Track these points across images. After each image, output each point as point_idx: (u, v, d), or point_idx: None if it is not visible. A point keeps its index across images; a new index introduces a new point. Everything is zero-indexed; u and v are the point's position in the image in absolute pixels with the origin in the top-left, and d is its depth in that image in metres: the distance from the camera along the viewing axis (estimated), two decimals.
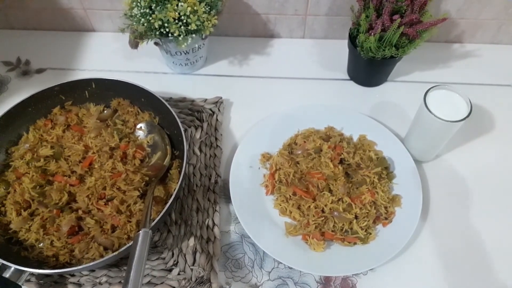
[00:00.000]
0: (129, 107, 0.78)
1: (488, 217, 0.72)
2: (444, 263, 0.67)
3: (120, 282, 0.64)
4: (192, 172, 0.75)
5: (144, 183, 0.69)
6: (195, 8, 0.74)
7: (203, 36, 0.80)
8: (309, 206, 0.69)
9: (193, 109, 0.83)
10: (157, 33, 0.76)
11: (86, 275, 0.65)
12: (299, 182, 0.71)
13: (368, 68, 0.85)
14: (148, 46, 0.80)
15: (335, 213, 0.68)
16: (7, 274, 0.57)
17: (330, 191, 0.70)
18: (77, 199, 0.67)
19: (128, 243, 0.59)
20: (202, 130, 0.80)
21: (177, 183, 0.65)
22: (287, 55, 0.95)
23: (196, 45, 0.84)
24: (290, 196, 0.71)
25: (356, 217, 0.69)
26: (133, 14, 0.76)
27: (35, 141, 0.73)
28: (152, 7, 0.75)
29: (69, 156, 0.72)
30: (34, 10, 0.95)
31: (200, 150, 0.78)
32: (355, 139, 0.79)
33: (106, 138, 0.73)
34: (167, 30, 0.75)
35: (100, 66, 0.93)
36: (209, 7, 0.77)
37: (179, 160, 0.73)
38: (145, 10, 0.74)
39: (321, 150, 0.74)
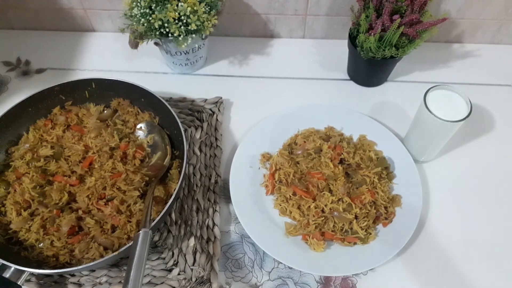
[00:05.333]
0: (129, 107, 0.78)
1: (488, 217, 0.72)
2: (444, 263, 0.67)
3: (120, 282, 0.64)
4: (192, 172, 0.75)
5: (144, 183, 0.69)
6: (195, 8, 0.74)
7: (203, 36, 0.80)
8: (309, 206, 0.69)
9: (193, 109, 0.83)
10: (157, 33, 0.76)
11: (86, 275, 0.65)
12: (299, 182, 0.71)
13: (368, 68, 0.85)
14: (148, 46, 0.80)
15: (335, 213, 0.68)
16: (7, 274, 0.57)
17: (330, 191, 0.70)
18: (77, 199, 0.67)
19: (128, 243, 0.59)
20: (202, 130, 0.80)
21: (177, 183, 0.65)
22: (287, 55, 0.95)
23: (196, 45, 0.84)
24: (290, 196, 0.71)
25: (356, 217, 0.68)
26: (133, 14, 0.76)
27: (35, 141, 0.73)
28: (152, 7, 0.75)
29: (69, 156, 0.72)
30: (34, 10, 0.95)
31: (200, 150, 0.78)
32: (355, 139, 0.79)
33: (106, 138, 0.73)
34: (167, 30, 0.75)
35: (100, 66, 0.93)
36: (209, 7, 0.77)
37: (179, 160, 0.73)
38: (145, 10, 0.74)
39: (321, 150, 0.74)
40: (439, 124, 0.66)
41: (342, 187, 0.69)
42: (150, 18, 0.74)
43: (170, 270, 0.66)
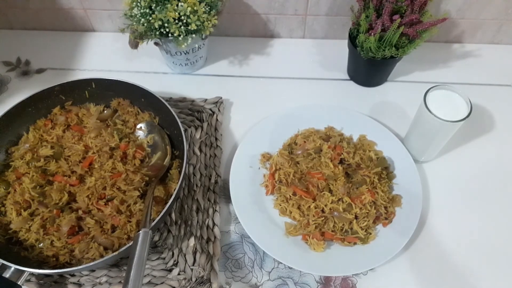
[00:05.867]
0: (129, 107, 0.78)
1: (488, 217, 0.72)
2: (444, 263, 0.67)
3: (120, 282, 0.64)
4: (192, 172, 0.75)
5: (144, 183, 0.69)
6: (195, 8, 0.74)
7: (203, 36, 0.80)
8: (309, 206, 0.69)
9: (193, 109, 0.83)
10: (157, 33, 0.76)
11: (86, 275, 0.65)
12: (299, 182, 0.71)
13: (368, 68, 0.85)
14: (148, 46, 0.80)
15: (335, 213, 0.68)
16: (7, 274, 0.57)
17: (330, 191, 0.70)
18: (77, 199, 0.67)
19: (128, 243, 0.59)
20: (202, 130, 0.80)
21: (177, 183, 0.65)
22: (287, 55, 0.95)
23: (196, 45, 0.84)
24: (290, 196, 0.71)
25: (356, 217, 0.68)
26: (133, 14, 0.76)
27: (35, 141, 0.73)
28: (152, 7, 0.75)
29: (69, 156, 0.72)
30: (34, 10, 0.95)
31: (200, 150, 0.78)
32: (355, 139, 0.79)
33: (106, 138, 0.73)
34: (167, 30, 0.75)
35: (100, 66, 0.93)
36: (209, 7, 0.77)
37: (179, 160, 0.73)
38: (145, 10, 0.74)
39: (321, 150, 0.74)
40: (439, 124, 0.66)
41: (342, 187, 0.69)
42: (150, 18, 0.74)
43: (170, 270, 0.66)
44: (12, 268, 0.57)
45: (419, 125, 0.72)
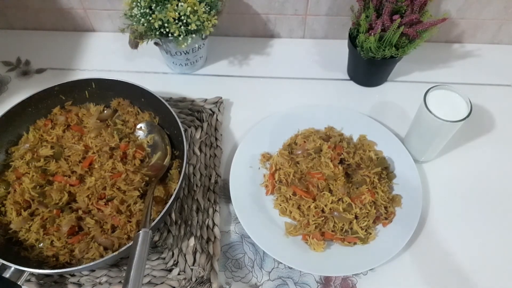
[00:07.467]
0: (129, 107, 0.78)
1: (488, 217, 0.72)
2: (444, 263, 0.67)
3: (120, 282, 0.64)
4: (192, 172, 0.75)
5: (144, 183, 0.69)
6: (195, 8, 0.74)
7: (203, 36, 0.80)
8: (309, 206, 0.69)
9: (193, 109, 0.83)
10: (157, 33, 0.76)
11: (86, 275, 0.65)
12: (299, 182, 0.71)
13: (368, 68, 0.85)
14: (148, 46, 0.80)
15: (335, 213, 0.68)
16: (7, 274, 0.57)
17: (330, 191, 0.70)
18: (77, 199, 0.67)
19: (128, 243, 0.59)
20: (202, 130, 0.80)
21: (177, 183, 0.65)
22: (287, 55, 0.95)
23: (196, 45, 0.84)
24: (290, 196, 0.71)
25: (356, 217, 0.68)
26: (133, 14, 0.76)
27: (35, 141, 0.73)
28: (152, 7, 0.75)
29: (69, 156, 0.72)
30: (34, 10, 0.95)
31: (200, 150, 0.78)
32: (355, 139, 0.79)
33: (106, 138, 0.73)
34: (167, 30, 0.75)
35: (100, 66, 0.93)
36: (209, 7, 0.77)
37: (179, 160, 0.73)
38: (145, 10, 0.74)
39: (321, 150, 0.74)
40: (439, 124, 0.66)
41: (342, 187, 0.69)
42: (150, 18, 0.74)
43: (170, 270, 0.66)
44: (12, 268, 0.57)
45: (419, 125, 0.72)
